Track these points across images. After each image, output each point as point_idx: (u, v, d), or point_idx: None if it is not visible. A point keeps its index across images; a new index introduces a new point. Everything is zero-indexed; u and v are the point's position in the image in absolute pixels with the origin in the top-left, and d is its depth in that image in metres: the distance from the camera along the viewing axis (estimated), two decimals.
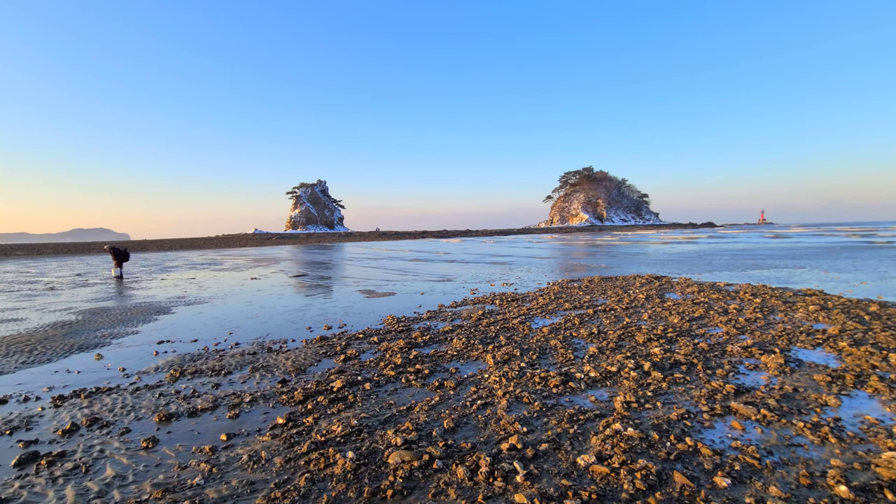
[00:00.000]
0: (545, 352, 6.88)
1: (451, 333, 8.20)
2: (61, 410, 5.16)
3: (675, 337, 7.50)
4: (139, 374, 6.44)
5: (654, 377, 5.54)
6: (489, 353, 6.82)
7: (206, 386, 5.85)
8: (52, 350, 7.95)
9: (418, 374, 6.02)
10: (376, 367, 6.38)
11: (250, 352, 7.45)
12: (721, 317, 8.94)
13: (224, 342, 8.20)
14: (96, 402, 5.40)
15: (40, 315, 11.65)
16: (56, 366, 7.01)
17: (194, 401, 5.33)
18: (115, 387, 5.93)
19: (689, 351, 6.64)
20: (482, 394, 5.19)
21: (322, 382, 5.77)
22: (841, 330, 7.63)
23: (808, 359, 6.24)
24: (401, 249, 47.84)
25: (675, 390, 5.19)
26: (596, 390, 5.27)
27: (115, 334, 9.17)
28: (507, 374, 5.82)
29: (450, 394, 5.27)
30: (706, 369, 5.86)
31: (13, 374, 6.60)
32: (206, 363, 6.86)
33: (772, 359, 6.13)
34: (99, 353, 7.74)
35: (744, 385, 5.28)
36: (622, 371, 5.79)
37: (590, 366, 6.03)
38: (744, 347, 6.71)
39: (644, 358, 6.30)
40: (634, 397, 4.92)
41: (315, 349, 7.47)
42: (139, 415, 4.99)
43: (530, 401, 4.92)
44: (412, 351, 7.10)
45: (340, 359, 6.84)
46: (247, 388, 5.72)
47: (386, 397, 5.25)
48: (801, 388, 5.17)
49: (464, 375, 5.88)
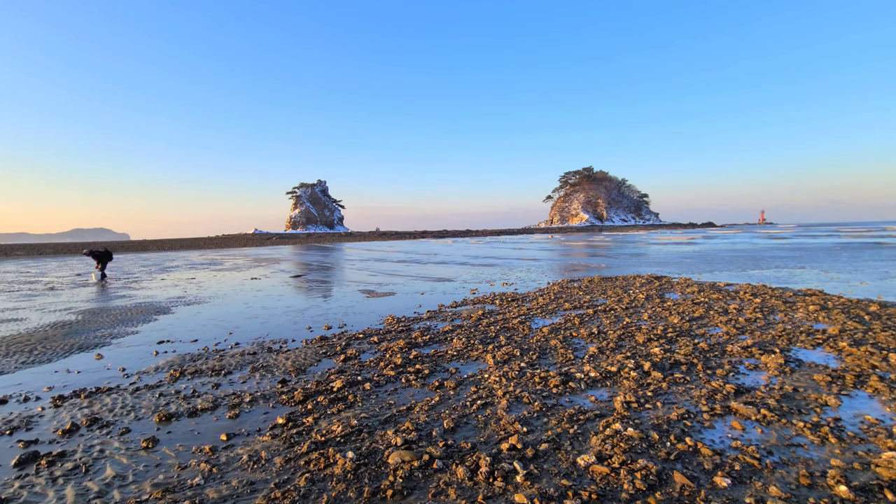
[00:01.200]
0: (545, 352, 6.88)
1: (451, 333, 8.20)
2: (61, 410, 5.16)
3: (676, 337, 7.50)
4: (139, 374, 6.44)
5: (654, 377, 5.54)
6: (489, 353, 6.82)
7: (206, 386, 5.85)
8: (52, 350, 7.95)
9: (418, 374, 6.02)
10: (376, 367, 6.38)
11: (250, 352, 7.45)
12: (721, 317, 8.94)
13: (224, 342, 8.20)
14: (96, 402, 5.40)
15: (40, 315, 11.66)
16: (56, 366, 7.01)
17: (194, 401, 5.33)
18: (115, 387, 5.93)
19: (689, 351, 6.64)
20: (482, 394, 5.19)
21: (322, 382, 5.77)
22: (841, 330, 7.63)
23: (808, 359, 6.24)
24: (400, 250, 47.84)
25: (675, 390, 5.19)
26: (596, 390, 5.27)
27: (115, 334, 9.16)
28: (507, 374, 5.82)
29: (450, 394, 5.27)
30: (706, 369, 5.86)
31: (13, 374, 6.60)
32: (206, 363, 6.86)
33: (772, 359, 6.13)
34: (99, 353, 7.74)
35: (744, 385, 5.28)
36: (622, 371, 5.79)
37: (590, 366, 6.03)
38: (744, 347, 6.71)
39: (644, 358, 6.30)
40: (634, 397, 4.92)
41: (315, 349, 7.47)
42: (139, 415, 4.98)
43: (530, 401, 4.92)
44: (412, 351, 7.10)
45: (340, 359, 6.84)
46: (247, 388, 5.72)
47: (386, 397, 5.25)
48: (801, 388, 5.17)
49: (464, 375, 5.88)
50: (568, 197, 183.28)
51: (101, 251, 21.82)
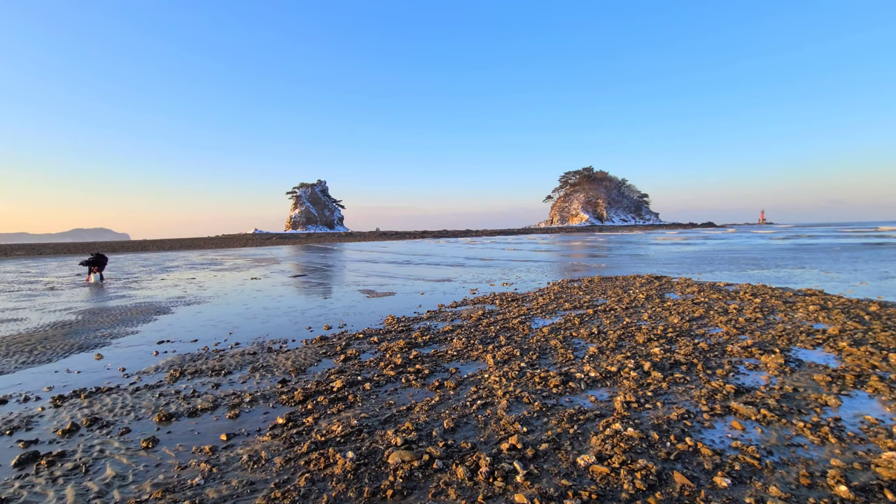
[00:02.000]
0: (545, 352, 6.88)
1: (451, 333, 8.20)
2: (61, 410, 5.16)
3: (676, 337, 7.50)
4: (139, 374, 6.44)
5: (654, 377, 5.54)
6: (489, 353, 6.82)
7: (207, 386, 5.85)
8: (51, 350, 7.95)
9: (418, 374, 6.02)
10: (376, 367, 6.38)
11: (250, 352, 7.45)
12: (721, 317, 8.95)
13: (224, 342, 8.20)
14: (96, 402, 5.40)
15: (40, 315, 11.66)
16: (56, 366, 7.01)
17: (194, 401, 5.33)
18: (114, 387, 5.93)
19: (689, 351, 6.64)
20: (482, 394, 5.19)
21: (322, 382, 5.77)
22: (841, 330, 7.63)
23: (808, 359, 6.24)
24: (400, 250, 47.85)
25: (675, 390, 5.19)
26: (596, 390, 5.27)
27: (116, 334, 9.17)
28: (507, 374, 5.82)
29: (450, 394, 5.27)
30: (706, 369, 5.86)
31: (13, 374, 6.60)
32: (207, 363, 6.86)
33: (772, 359, 6.13)
34: (99, 353, 7.74)
35: (744, 385, 5.28)
36: (622, 371, 5.79)
37: (590, 366, 6.03)
38: (744, 347, 6.71)
39: (644, 358, 6.31)
40: (634, 397, 4.92)
41: (315, 349, 7.47)
42: (139, 415, 4.99)
43: (530, 401, 4.92)
44: (412, 351, 7.10)
45: (340, 359, 6.84)
46: (246, 388, 5.72)
47: (386, 397, 5.25)
48: (801, 388, 5.17)
49: (464, 375, 5.88)
50: (568, 197, 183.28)
51: (92, 258, 21.65)
